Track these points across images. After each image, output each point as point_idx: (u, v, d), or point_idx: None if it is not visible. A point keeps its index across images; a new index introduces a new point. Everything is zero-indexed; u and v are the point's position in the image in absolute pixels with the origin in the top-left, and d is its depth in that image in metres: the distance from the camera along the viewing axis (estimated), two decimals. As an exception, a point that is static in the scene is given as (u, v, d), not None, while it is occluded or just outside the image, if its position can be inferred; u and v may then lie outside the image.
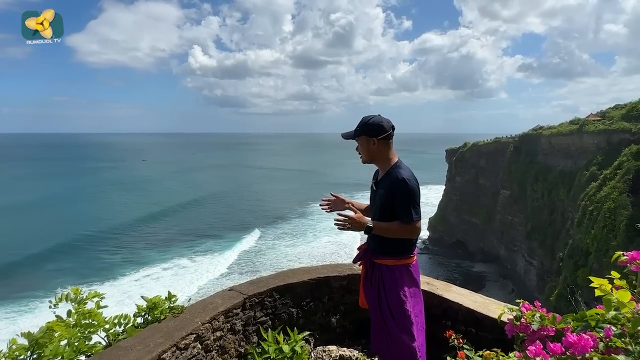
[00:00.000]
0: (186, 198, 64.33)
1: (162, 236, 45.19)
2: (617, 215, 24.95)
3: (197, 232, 47.29)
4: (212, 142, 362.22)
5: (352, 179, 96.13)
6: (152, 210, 55.18)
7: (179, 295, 8.43)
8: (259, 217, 55.27)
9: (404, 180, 1.97)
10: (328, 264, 2.72)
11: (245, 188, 78.71)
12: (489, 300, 2.21)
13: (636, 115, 30.67)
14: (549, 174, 38.87)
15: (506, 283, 42.27)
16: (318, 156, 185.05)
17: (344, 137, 2.18)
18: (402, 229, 1.98)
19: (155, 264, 36.80)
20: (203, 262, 37.97)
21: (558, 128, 40.47)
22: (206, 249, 41.80)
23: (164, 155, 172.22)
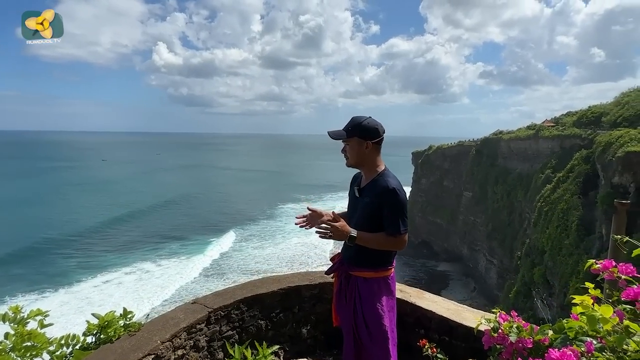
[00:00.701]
0: (149, 199, 61.83)
1: (123, 239, 43.13)
2: (569, 215, 26.46)
3: (161, 235, 45.57)
4: (177, 141, 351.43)
5: (322, 180, 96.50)
6: (112, 212, 52.60)
7: (144, 302, 8.08)
8: (227, 220, 54.13)
9: (394, 190, 1.88)
10: (298, 272, 2.61)
11: (212, 189, 76.88)
12: (462, 307, 2.19)
13: (586, 122, 32.71)
14: (508, 176, 40.71)
15: (468, 281, 43.83)
16: (287, 157, 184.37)
17: (333, 137, 2.01)
18: (388, 241, 1.89)
19: (116, 268, 35.04)
20: (169, 266, 36.63)
21: (516, 133, 42.49)
22: (171, 252, 40.35)
23: (126, 154, 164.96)
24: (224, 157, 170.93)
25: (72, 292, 30.10)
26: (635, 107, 27.33)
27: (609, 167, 22.03)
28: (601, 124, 29.89)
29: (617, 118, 27.85)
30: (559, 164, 31.23)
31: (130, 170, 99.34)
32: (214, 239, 45.39)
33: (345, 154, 2.04)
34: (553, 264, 26.11)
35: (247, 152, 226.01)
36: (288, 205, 66.00)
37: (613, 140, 22.74)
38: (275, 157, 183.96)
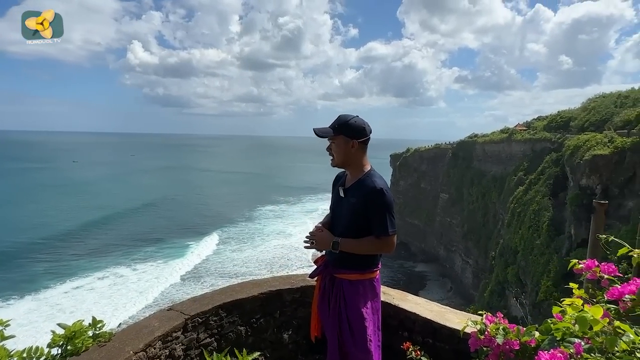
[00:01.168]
0: (123, 202, 59.97)
1: (96, 243, 41.64)
2: (540, 216, 27.37)
3: (136, 238, 44.25)
4: (152, 142, 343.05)
5: (301, 182, 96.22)
6: (84, 215, 50.71)
7: (120, 309, 7.75)
8: (205, 222, 53.15)
9: (382, 190, 1.84)
10: (280, 276, 2.55)
11: (190, 191, 75.37)
12: (445, 308, 2.19)
13: (555, 127, 33.94)
14: (482, 178, 41.78)
15: (445, 281, 44.67)
16: (266, 159, 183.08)
17: (319, 134, 1.93)
18: (376, 245, 1.85)
19: (88, 273, 33.77)
20: (146, 270, 35.62)
21: (490, 136, 43.68)
22: (146, 256, 39.23)
23: (99, 156, 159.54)
24: (202, 159, 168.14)
25: (40, 299, 28.80)
26: (600, 113, 28.57)
27: (577, 170, 22.91)
28: (569, 128, 31.08)
29: (584, 123, 29.02)
30: (530, 167, 32.28)
31: (102, 172, 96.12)
32: (192, 242, 44.50)
33: (330, 152, 1.98)
34: (525, 263, 26.93)
35: (225, 153, 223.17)
36: (267, 207, 65.48)
37: (581, 143, 23.67)
38: (254, 159, 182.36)
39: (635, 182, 18.84)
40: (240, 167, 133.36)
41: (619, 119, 23.81)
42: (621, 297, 1.15)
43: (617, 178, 20.08)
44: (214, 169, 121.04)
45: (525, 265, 26.93)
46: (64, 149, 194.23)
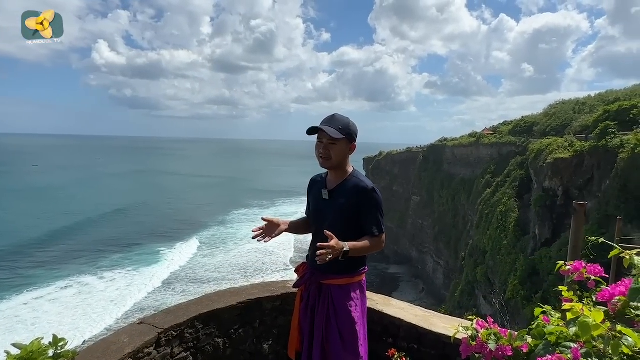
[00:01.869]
0: (87, 208, 57.27)
1: (57, 251, 39.49)
2: (507, 217, 28.39)
3: (101, 246, 42.34)
4: (120, 145, 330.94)
5: (274, 185, 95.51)
6: (43, 222, 48.03)
7: (89, 320, 7.25)
8: (176, 227, 51.61)
9: (373, 189, 1.86)
10: (258, 283, 2.44)
11: (160, 196, 73.01)
12: (429, 313, 2.16)
13: (519, 131, 35.43)
14: (452, 181, 42.96)
15: (417, 283, 45.50)
16: (239, 163, 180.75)
17: (331, 134, 1.83)
18: (372, 244, 1.82)
19: (49, 282, 31.92)
20: (115, 279, 34.15)
21: (459, 140, 45.03)
22: (113, 263, 37.61)
23: (61, 159, 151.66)
24: (173, 162, 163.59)
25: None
26: (560, 118, 30.08)
27: (540, 172, 23.95)
28: (533, 132, 32.51)
29: (546, 128, 30.45)
30: (497, 170, 33.47)
31: (65, 176, 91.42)
32: (163, 248, 43.11)
33: (325, 152, 1.89)
34: (494, 263, 27.82)
35: (197, 157, 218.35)
36: (241, 211, 64.53)
37: (543, 147, 24.78)
38: (226, 163, 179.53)
39: (593, 184, 19.90)
40: (212, 170, 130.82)
41: (578, 124, 25.14)
42: (612, 298, 1.14)
43: (577, 180, 21.14)
44: (185, 173, 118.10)
45: (493, 265, 27.81)
46: (22, 152, 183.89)
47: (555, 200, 22.38)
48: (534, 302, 20.45)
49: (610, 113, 20.32)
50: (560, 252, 19.86)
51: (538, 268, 21.66)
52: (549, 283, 19.92)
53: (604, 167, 18.66)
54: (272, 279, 39.42)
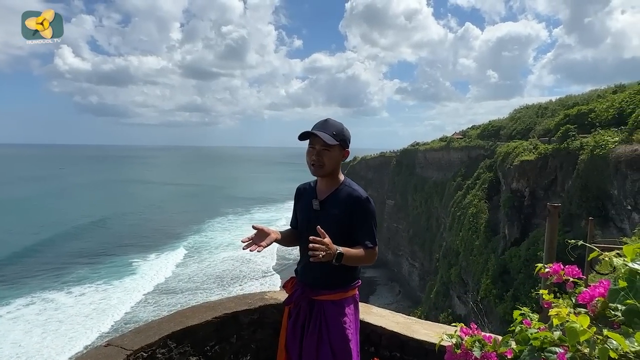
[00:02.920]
0: (52, 221, 54.54)
1: (16, 268, 37.26)
2: (478, 219, 29.22)
3: (69, 259, 40.38)
4: (86, 154, 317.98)
5: (249, 193, 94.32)
6: (1, 237, 45.26)
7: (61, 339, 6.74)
8: (148, 238, 49.95)
9: (368, 199, 1.78)
10: (235, 296, 2.34)
11: (130, 206, 70.41)
12: (410, 319, 2.14)
13: (487, 135, 36.65)
14: (425, 184, 43.87)
15: (394, 285, 45.99)
16: (212, 170, 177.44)
17: (326, 140, 1.74)
18: (366, 256, 1.75)
19: (9, 300, 30.05)
20: (84, 293, 32.63)
21: (431, 144, 46.11)
22: (80, 277, 35.92)
23: (22, 170, 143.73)
24: (144, 171, 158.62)
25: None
26: (525, 122, 31.37)
27: (508, 174, 24.84)
28: (499, 136, 33.70)
29: (512, 131, 31.67)
30: (467, 172, 34.46)
31: (28, 188, 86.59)
32: (136, 260, 41.64)
33: (318, 159, 1.79)
34: (467, 263, 28.52)
35: (168, 164, 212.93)
36: (215, 220, 63.31)
37: (510, 150, 25.73)
38: (200, 170, 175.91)
39: (557, 184, 20.82)
40: (185, 178, 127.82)
41: (541, 127, 26.28)
42: (592, 300, 1.15)
43: (541, 181, 22.07)
44: (156, 181, 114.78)
45: (466, 265, 28.51)
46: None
47: (522, 200, 23.24)
48: (505, 301, 21.10)
49: (570, 117, 21.38)
50: (528, 251, 20.61)
51: (508, 267, 22.37)
52: (519, 281, 20.60)
53: (566, 168, 19.57)
54: (250, 287, 38.76)
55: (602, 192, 16.26)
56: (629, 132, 15.36)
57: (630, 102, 17.83)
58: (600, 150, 16.24)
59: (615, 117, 18.13)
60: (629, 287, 0.99)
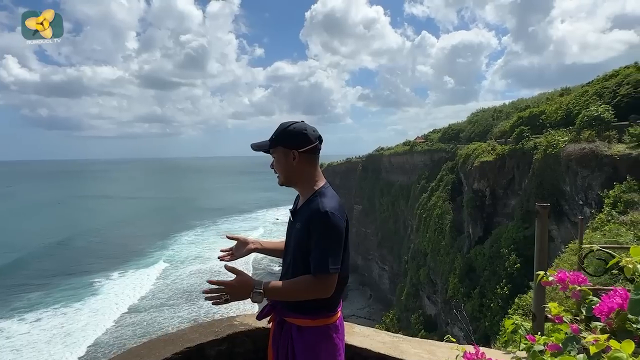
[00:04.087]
0: None
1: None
2: (443, 220, 30.02)
3: (18, 284, 37.40)
4: (37, 170, 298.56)
5: (215, 204, 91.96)
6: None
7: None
8: (109, 257, 47.24)
9: (327, 213, 1.46)
10: (199, 325, 2.07)
11: (88, 223, 66.42)
12: (397, 337, 1.96)
13: (448, 138, 37.95)
14: (391, 188, 44.66)
15: (365, 290, 46.22)
16: (176, 182, 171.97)
17: (254, 148, 1.58)
18: (311, 288, 1.43)
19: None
20: (40, 319, 30.47)
21: (395, 149, 47.11)
22: (32, 304, 33.33)
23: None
24: (102, 185, 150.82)
25: None
26: (482, 125, 32.78)
27: (469, 175, 25.72)
28: (459, 139, 34.99)
29: (470, 134, 32.97)
30: (431, 175, 35.43)
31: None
32: (98, 279, 39.40)
33: (274, 169, 1.62)
34: (434, 264, 29.15)
35: (129, 178, 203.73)
36: (181, 233, 61.14)
37: (470, 152, 26.70)
38: (163, 183, 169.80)
39: (515, 183, 21.77)
40: (147, 191, 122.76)
41: (497, 129, 27.51)
42: (610, 312, 1.01)
43: (500, 181, 23.00)
44: (117, 196, 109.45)
45: (434, 265, 29.13)
46: None
47: (484, 200, 24.09)
48: (473, 298, 21.67)
49: (523, 119, 22.49)
50: (492, 249, 21.33)
51: (474, 265, 23.04)
52: (484, 278, 21.24)
53: (522, 167, 20.51)
54: (218, 302, 38.03)
55: (556, 188, 17.13)
56: (577, 132, 16.32)
57: (576, 104, 19.02)
58: (552, 150, 17.14)
59: (564, 118, 19.26)
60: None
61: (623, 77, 17.56)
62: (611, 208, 11.86)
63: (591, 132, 15.32)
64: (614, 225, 10.07)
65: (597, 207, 13.02)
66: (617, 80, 17.79)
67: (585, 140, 15.27)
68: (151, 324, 31.28)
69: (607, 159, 13.50)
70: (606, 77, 19.35)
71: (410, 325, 29.84)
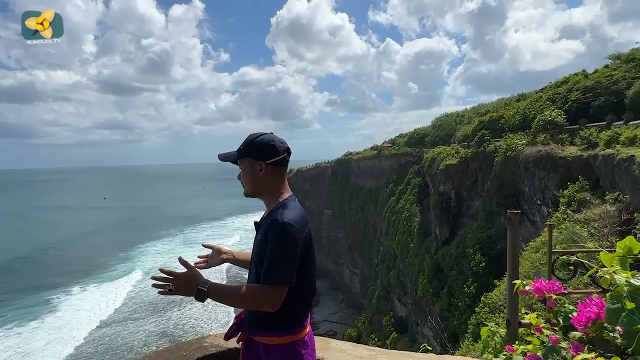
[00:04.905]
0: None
1: None
2: (411, 222, 30.66)
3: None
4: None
5: (181, 212, 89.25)
6: None
7: None
8: (66, 273, 44.57)
9: (283, 225, 1.42)
10: (165, 349, 1.92)
11: (45, 237, 62.35)
12: (374, 350, 1.92)
13: (414, 142, 38.90)
14: (360, 192, 45.16)
15: (337, 294, 46.32)
16: (140, 191, 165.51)
17: (222, 159, 1.57)
18: (256, 297, 1.39)
19: None
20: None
21: (363, 153, 47.74)
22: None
23: None
24: (60, 196, 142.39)
25: None
26: (446, 129, 33.86)
27: (435, 178, 26.46)
28: (425, 143, 35.97)
29: (435, 138, 33.96)
30: (398, 178, 36.16)
31: None
32: (56, 296, 37.17)
33: (241, 180, 1.61)
34: (404, 266, 29.66)
35: (89, 187, 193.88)
36: (146, 243, 58.79)
37: (435, 156, 27.49)
38: (126, 191, 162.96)
39: (478, 185, 22.63)
40: (109, 201, 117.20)
41: (460, 133, 28.50)
42: (588, 322, 1.02)
43: (465, 183, 23.83)
44: (76, 206, 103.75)
45: (403, 267, 29.63)
46: None
47: (449, 202, 24.84)
48: (441, 298, 22.21)
49: (484, 123, 23.46)
50: (458, 249, 22.00)
51: (442, 266, 23.66)
52: (452, 278, 21.86)
53: (484, 170, 21.36)
54: (191, 311, 36.23)
55: (516, 189, 17.97)
56: (533, 135, 17.23)
57: (532, 109, 20.08)
58: (511, 152, 17.99)
59: (521, 122, 20.27)
60: (637, 308, 0.86)
61: (573, 83, 18.75)
62: (566, 207, 12.58)
63: (546, 136, 16.21)
64: (570, 223, 10.67)
65: (554, 206, 13.77)
66: (567, 86, 18.98)
67: (541, 143, 16.14)
68: (114, 339, 29.82)
69: (561, 161, 14.32)
70: (558, 84, 20.60)
71: (381, 327, 30.15)
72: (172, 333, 30.39)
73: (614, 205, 10.18)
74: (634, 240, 1.03)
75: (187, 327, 31.47)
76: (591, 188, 12.43)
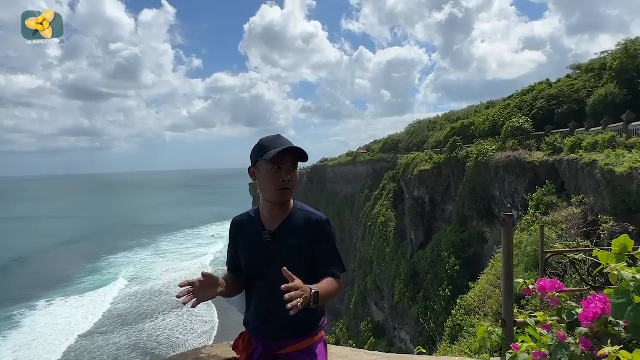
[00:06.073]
0: None
1: None
2: (387, 227, 31.03)
3: None
4: None
5: (153, 220, 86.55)
6: None
7: None
8: (30, 287, 42.05)
9: (328, 221, 1.58)
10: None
11: (4, 249, 58.62)
12: (376, 355, 1.90)
13: (388, 148, 39.58)
14: (336, 198, 45.38)
15: (314, 301, 46.10)
16: (109, 199, 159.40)
17: (304, 155, 1.55)
18: (336, 288, 1.50)
19: None
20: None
21: (338, 160, 48.08)
22: None
23: None
24: (21, 205, 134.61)
25: None
26: (419, 136, 34.66)
27: (410, 184, 26.98)
28: (399, 149, 36.66)
29: (409, 144, 34.67)
30: (374, 184, 36.59)
31: None
32: (17, 312, 35.05)
33: (290, 181, 1.60)
34: (380, 271, 29.92)
35: (54, 196, 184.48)
36: (118, 255, 56.53)
37: (409, 162, 28.05)
38: (94, 200, 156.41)
39: (451, 190, 23.23)
40: (76, 210, 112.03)
41: (433, 140, 29.26)
42: (594, 318, 1.06)
43: (438, 188, 24.41)
44: (40, 216, 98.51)
45: (380, 272, 29.89)
46: None
47: (424, 207, 25.35)
48: (418, 302, 22.52)
49: (455, 130, 24.19)
50: (433, 253, 22.44)
51: (418, 269, 24.03)
52: (427, 282, 22.23)
53: (457, 174, 21.97)
54: (165, 322, 35.11)
55: (487, 193, 18.56)
56: (503, 141, 17.91)
57: (501, 116, 20.89)
58: (482, 158, 18.60)
59: (491, 129, 21.03)
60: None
61: (538, 92, 19.67)
62: (535, 210, 13.11)
63: (514, 142, 16.88)
64: (538, 226, 11.11)
65: (524, 209, 14.31)
66: (533, 95, 19.88)
67: (510, 148, 16.79)
68: (81, 354, 28.44)
69: (529, 166, 14.94)
70: (524, 92, 21.54)
71: (359, 333, 30.19)
72: (145, 345, 29.23)
73: (579, 207, 10.69)
74: (628, 239, 1.08)
75: (162, 339, 30.37)
76: (557, 191, 13.01)
